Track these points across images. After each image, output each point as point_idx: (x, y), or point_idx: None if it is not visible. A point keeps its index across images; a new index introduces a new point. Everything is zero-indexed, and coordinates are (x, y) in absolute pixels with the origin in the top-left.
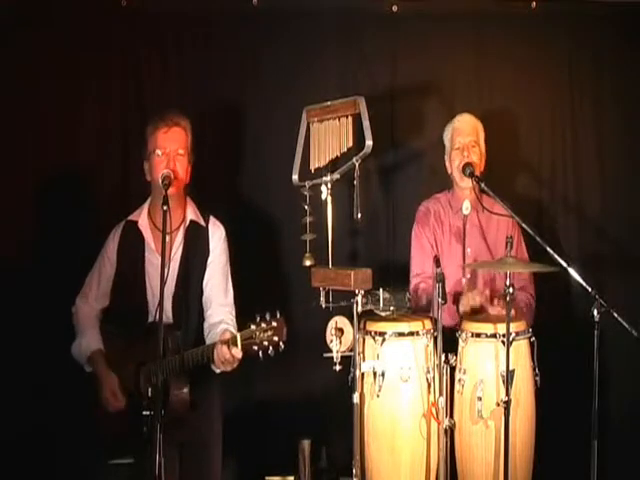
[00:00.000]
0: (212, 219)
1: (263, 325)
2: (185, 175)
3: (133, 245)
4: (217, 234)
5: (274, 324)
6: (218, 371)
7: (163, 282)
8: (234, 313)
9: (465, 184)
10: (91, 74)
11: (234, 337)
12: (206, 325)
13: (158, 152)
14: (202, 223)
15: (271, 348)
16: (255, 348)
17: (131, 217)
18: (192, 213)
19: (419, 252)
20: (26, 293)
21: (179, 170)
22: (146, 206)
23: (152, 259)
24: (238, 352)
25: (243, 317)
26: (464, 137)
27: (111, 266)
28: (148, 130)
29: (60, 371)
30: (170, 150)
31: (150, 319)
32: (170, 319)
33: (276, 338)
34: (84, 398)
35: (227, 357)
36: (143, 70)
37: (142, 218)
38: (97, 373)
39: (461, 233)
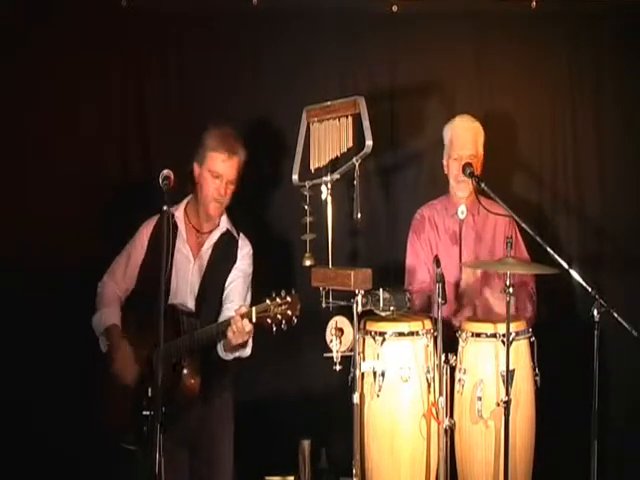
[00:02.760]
0: (242, 235)
1: (278, 300)
2: (230, 197)
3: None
4: (246, 249)
5: (288, 299)
6: (230, 357)
7: (163, 283)
8: None
9: (461, 193)
10: (91, 74)
11: (249, 310)
12: (222, 317)
13: (214, 174)
14: (235, 235)
15: (284, 322)
16: (269, 321)
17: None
18: (228, 223)
19: (415, 263)
20: (26, 293)
21: (227, 196)
22: (183, 203)
23: (182, 249)
24: (247, 324)
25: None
26: (464, 150)
27: (142, 250)
28: (208, 141)
29: (68, 366)
30: (226, 178)
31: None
32: (192, 309)
33: (290, 312)
34: (92, 390)
35: (238, 325)
36: (143, 70)
37: (179, 211)
38: (111, 345)
39: (457, 237)
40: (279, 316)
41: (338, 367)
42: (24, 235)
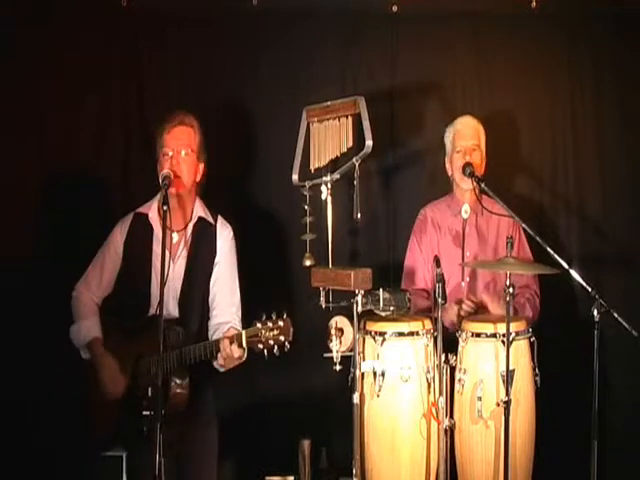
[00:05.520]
0: (220, 218)
1: (269, 324)
2: (192, 174)
3: (142, 236)
4: (225, 233)
5: (280, 324)
6: (222, 369)
7: (163, 282)
8: (240, 314)
9: (466, 185)
10: (91, 74)
11: (239, 334)
12: (211, 324)
13: (165, 152)
14: (210, 221)
15: (276, 347)
16: (260, 346)
17: (140, 209)
18: (200, 210)
19: (411, 263)
20: (26, 292)
21: (183, 169)
22: (155, 201)
23: (159, 251)
24: (237, 350)
25: (243, 316)
26: (466, 140)
27: (117, 256)
28: (157, 131)
29: (57, 365)
30: (175, 150)
31: (152, 312)
32: (174, 315)
33: (282, 338)
34: (80, 390)
35: (227, 352)
36: (143, 70)
37: (152, 211)
38: (96, 358)
39: (460, 236)
40: (271, 341)
41: (338, 367)
42: (24, 234)
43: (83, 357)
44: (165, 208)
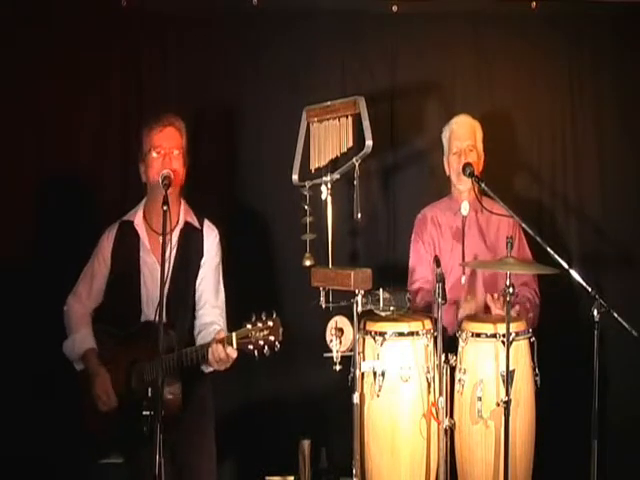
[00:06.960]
0: (207, 222)
1: (259, 324)
2: (181, 175)
3: (128, 245)
4: (211, 236)
5: (270, 324)
6: (208, 370)
7: (163, 283)
8: (224, 316)
9: (463, 186)
10: (91, 74)
11: (229, 336)
12: (197, 324)
13: (154, 152)
14: (197, 225)
15: (267, 348)
16: (251, 347)
17: (126, 217)
18: (187, 214)
19: (417, 262)
20: (25, 293)
21: (176, 168)
22: (141, 207)
23: (147, 259)
24: (233, 352)
25: (242, 317)
26: (462, 142)
27: (105, 266)
28: (143, 132)
29: (54, 370)
30: (165, 149)
31: (143, 318)
32: (163, 319)
33: (272, 338)
34: (76, 397)
35: (222, 356)
36: (143, 70)
37: (138, 218)
38: (90, 371)
39: (460, 233)
40: (261, 342)
41: (338, 367)
42: (24, 235)
43: (77, 369)
44: (165, 208)
